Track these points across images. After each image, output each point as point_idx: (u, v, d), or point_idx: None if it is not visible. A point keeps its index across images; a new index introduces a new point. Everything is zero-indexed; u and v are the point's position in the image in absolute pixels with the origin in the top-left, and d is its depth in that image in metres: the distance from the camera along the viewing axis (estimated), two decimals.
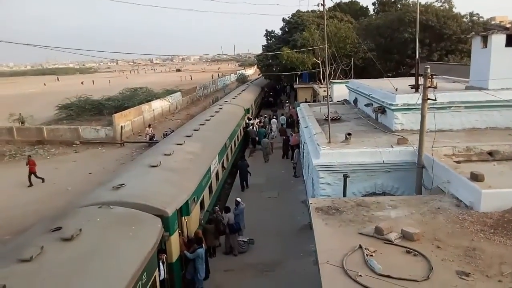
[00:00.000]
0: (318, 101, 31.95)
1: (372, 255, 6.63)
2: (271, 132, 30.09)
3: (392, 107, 14.28)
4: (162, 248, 9.97)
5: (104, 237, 8.34)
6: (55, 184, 21.86)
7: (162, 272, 9.69)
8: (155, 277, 8.99)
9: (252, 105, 38.74)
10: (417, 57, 14.84)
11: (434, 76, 10.35)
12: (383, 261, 6.40)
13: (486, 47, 14.15)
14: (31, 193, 20.26)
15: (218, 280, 12.24)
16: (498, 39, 13.66)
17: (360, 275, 6.06)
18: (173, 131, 27.46)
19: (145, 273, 8.11)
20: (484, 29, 15.66)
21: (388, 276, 5.99)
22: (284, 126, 32.11)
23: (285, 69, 43.17)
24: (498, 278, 5.89)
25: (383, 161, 11.95)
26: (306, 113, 19.86)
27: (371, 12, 55.39)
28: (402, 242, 7.07)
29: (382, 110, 15.55)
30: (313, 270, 9.98)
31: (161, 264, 9.65)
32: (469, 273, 6.00)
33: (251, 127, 29.68)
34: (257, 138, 28.20)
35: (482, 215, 7.85)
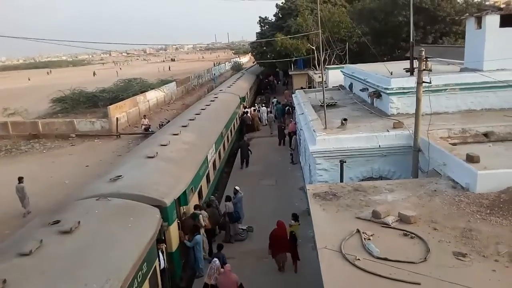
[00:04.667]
0: (314, 87, 31.85)
1: (369, 239, 6.68)
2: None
3: (388, 91, 14.25)
4: (161, 238, 10.03)
5: (103, 229, 8.37)
6: (52, 177, 21.79)
7: (162, 261, 9.77)
8: (155, 267, 9.06)
9: (247, 93, 38.57)
10: (411, 40, 14.73)
11: (428, 59, 10.32)
12: (381, 244, 6.46)
13: (480, 28, 14.07)
14: (30, 187, 20.20)
15: None
16: (492, 20, 13.58)
17: (358, 259, 6.12)
18: (168, 121, 27.32)
19: (145, 263, 8.17)
20: (478, 10, 15.58)
21: (386, 259, 6.05)
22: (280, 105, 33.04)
23: (279, 55, 42.90)
24: (495, 258, 5.96)
25: (379, 146, 11.98)
26: (301, 100, 19.81)
27: None
28: (399, 225, 7.13)
29: (377, 94, 15.51)
30: (312, 255, 10.08)
31: (160, 254, 9.72)
32: (466, 254, 6.07)
33: (247, 115, 29.90)
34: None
35: (478, 196, 7.91)
